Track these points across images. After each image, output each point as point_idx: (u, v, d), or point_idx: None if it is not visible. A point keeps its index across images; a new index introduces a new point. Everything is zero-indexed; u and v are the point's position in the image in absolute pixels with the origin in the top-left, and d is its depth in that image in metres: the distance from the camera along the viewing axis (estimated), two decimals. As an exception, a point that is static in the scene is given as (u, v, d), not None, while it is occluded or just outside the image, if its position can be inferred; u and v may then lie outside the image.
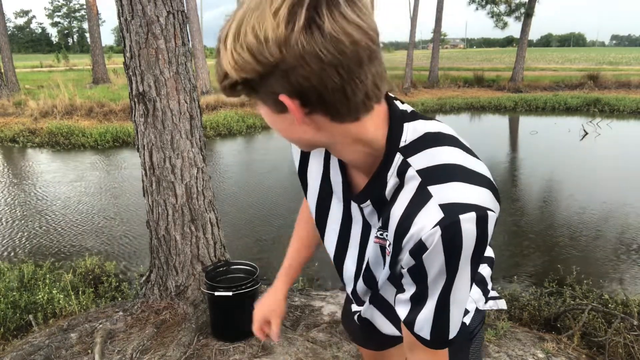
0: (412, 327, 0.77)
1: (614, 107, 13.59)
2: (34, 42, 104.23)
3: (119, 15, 2.47)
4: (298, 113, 0.63)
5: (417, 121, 0.75)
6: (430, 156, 0.70)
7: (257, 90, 0.63)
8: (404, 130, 0.73)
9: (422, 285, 0.72)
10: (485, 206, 0.66)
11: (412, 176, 0.70)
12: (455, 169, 0.69)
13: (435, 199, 0.66)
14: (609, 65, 28.61)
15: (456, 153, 0.71)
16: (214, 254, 2.82)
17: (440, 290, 0.71)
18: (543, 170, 7.52)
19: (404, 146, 0.72)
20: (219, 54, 0.61)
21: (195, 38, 14.45)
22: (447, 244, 0.65)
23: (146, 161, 2.63)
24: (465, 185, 0.67)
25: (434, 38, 20.20)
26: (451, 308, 0.72)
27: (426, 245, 0.66)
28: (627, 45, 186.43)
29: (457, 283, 0.70)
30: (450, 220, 0.64)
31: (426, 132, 0.74)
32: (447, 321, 0.74)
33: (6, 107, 12.50)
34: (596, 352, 2.57)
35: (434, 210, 0.65)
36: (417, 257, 0.68)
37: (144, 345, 2.42)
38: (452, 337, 0.76)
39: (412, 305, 0.76)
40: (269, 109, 0.66)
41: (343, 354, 2.38)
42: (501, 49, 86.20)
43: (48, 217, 5.35)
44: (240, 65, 0.59)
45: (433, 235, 0.65)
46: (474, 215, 0.64)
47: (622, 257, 4.20)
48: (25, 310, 2.94)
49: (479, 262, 0.70)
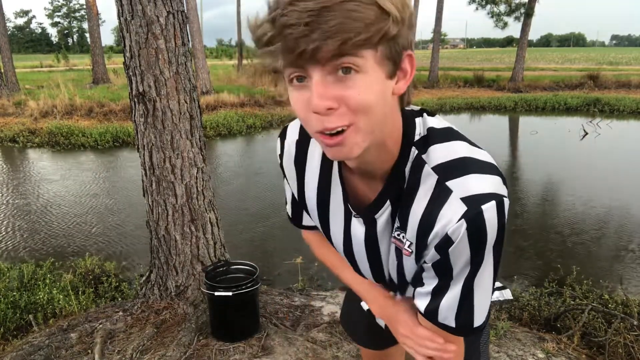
0: (435, 316, 0.78)
1: (614, 107, 13.58)
2: (34, 42, 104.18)
3: (119, 15, 2.47)
4: (412, 75, 0.65)
5: (425, 117, 0.76)
6: (442, 152, 0.72)
7: (396, 40, 0.62)
8: (416, 124, 0.74)
9: (446, 278, 0.73)
10: (501, 193, 0.68)
11: (428, 173, 0.71)
12: (467, 161, 0.71)
13: (456, 194, 0.68)
14: (609, 65, 28.60)
15: (465, 146, 0.73)
16: (214, 254, 2.82)
17: (464, 279, 0.72)
18: (543, 170, 7.51)
19: (417, 140, 0.73)
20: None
21: (195, 38, 14.44)
22: (472, 235, 0.67)
23: (146, 161, 2.63)
24: (480, 177, 0.69)
25: (434, 38, 20.21)
26: (475, 294, 0.73)
27: (452, 239, 0.68)
28: (627, 45, 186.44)
29: (482, 271, 0.71)
30: (475, 212, 0.66)
31: (434, 127, 0.75)
32: (471, 307, 0.74)
33: (6, 107, 12.48)
34: (596, 352, 2.57)
35: (456, 205, 0.67)
36: (443, 252, 0.70)
37: (144, 345, 2.42)
38: (478, 324, 0.77)
39: (433, 296, 0.76)
40: (384, 71, 0.63)
41: (343, 354, 2.38)
42: (501, 49, 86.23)
43: (48, 217, 5.35)
44: (405, 5, 0.60)
45: (459, 228, 0.67)
46: (494, 203, 0.67)
47: (622, 257, 4.20)
48: (25, 310, 2.94)
49: (501, 248, 0.71)
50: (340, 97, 0.62)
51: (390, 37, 0.61)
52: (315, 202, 0.91)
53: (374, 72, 0.62)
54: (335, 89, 0.61)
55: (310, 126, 0.66)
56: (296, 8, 0.56)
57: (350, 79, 0.61)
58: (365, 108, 0.63)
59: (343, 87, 0.61)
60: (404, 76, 0.67)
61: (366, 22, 0.57)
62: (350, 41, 0.57)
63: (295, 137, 0.91)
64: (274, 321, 2.67)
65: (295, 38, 0.57)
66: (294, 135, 0.91)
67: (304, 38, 0.57)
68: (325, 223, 0.92)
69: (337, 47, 0.57)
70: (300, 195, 0.95)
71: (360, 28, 0.57)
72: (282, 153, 0.94)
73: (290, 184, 0.97)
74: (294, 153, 0.91)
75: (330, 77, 0.61)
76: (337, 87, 0.61)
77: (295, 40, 0.57)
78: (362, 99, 0.62)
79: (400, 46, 0.64)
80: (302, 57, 0.59)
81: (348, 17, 0.56)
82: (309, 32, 0.56)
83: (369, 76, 0.61)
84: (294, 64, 0.61)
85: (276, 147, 0.95)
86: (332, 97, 0.61)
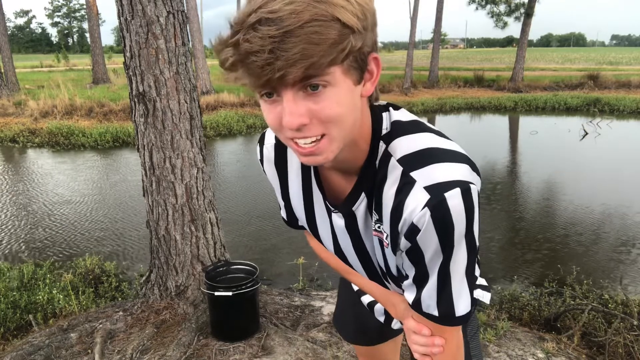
0: (420, 306, 0.79)
1: (614, 107, 13.58)
2: (34, 42, 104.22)
3: (119, 15, 2.47)
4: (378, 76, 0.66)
5: (390, 111, 0.78)
6: (407, 144, 0.73)
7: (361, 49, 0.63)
8: (383, 118, 0.76)
9: (420, 266, 0.74)
10: (467, 180, 0.69)
11: (394, 166, 0.73)
12: (431, 151, 0.72)
13: (420, 183, 0.69)
14: (609, 65, 28.60)
15: (430, 137, 0.75)
16: (214, 254, 2.82)
17: (438, 267, 0.73)
18: (543, 170, 7.51)
19: (384, 135, 0.75)
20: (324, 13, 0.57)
21: (195, 38, 14.45)
22: (437, 223, 0.68)
23: (146, 161, 2.63)
24: (444, 165, 0.70)
25: (434, 38, 20.20)
26: (453, 282, 0.74)
27: (418, 227, 0.69)
28: (627, 45, 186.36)
29: (454, 258, 0.72)
30: (437, 200, 0.67)
31: (399, 119, 0.77)
32: (450, 295, 0.76)
33: (6, 107, 12.49)
34: (596, 352, 2.57)
35: (420, 194, 0.69)
36: (412, 240, 0.71)
37: (144, 345, 2.42)
38: (461, 313, 0.78)
39: (416, 286, 0.78)
40: (352, 79, 0.65)
41: (343, 354, 2.38)
42: (501, 49, 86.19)
43: (48, 217, 5.35)
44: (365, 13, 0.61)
45: (423, 216, 0.68)
46: (458, 190, 0.67)
47: (622, 257, 4.20)
48: (25, 310, 2.94)
49: (474, 235, 0.72)
50: (311, 112, 0.63)
51: (356, 50, 0.62)
52: (301, 203, 0.93)
53: (342, 83, 0.63)
54: (305, 104, 0.62)
55: (281, 133, 0.68)
56: (258, 34, 0.56)
57: (320, 93, 0.62)
58: (336, 119, 0.64)
59: (313, 102, 0.62)
60: (370, 77, 0.68)
61: (329, 43, 0.58)
62: (314, 65, 0.58)
63: (272, 141, 0.93)
64: (274, 321, 2.67)
65: (259, 66, 0.57)
66: (271, 139, 0.93)
67: (268, 66, 0.57)
68: (312, 222, 0.94)
69: (302, 73, 0.58)
70: (284, 198, 0.97)
71: (323, 51, 0.57)
72: (262, 158, 0.96)
73: (274, 187, 0.99)
74: (274, 157, 0.93)
75: (300, 93, 0.62)
76: (308, 102, 0.62)
77: (259, 68, 0.57)
78: (333, 112, 0.63)
79: (366, 53, 0.64)
80: (269, 82, 0.60)
81: (310, 42, 0.56)
82: (273, 60, 0.56)
83: (338, 88, 0.63)
84: (261, 87, 0.62)
85: (256, 153, 0.97)
86: (303, 114, 0.62)
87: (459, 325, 0.80)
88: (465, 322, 0.80)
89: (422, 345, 0.85)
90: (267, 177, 0.98)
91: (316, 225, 0.93)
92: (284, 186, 0.94)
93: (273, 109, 0.65)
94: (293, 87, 0.61)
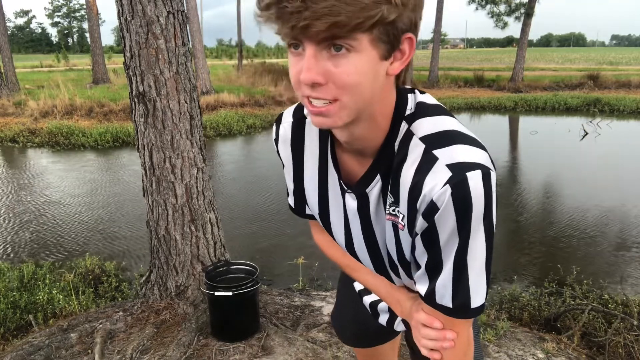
0: (434, 298, 0.76)
1: (614, 107, 13.58)
2: (34, 42, 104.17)
3: (119, 15, 2.47)
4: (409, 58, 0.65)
5: (416, 93, 0.78)
6: (430, 124, 0.73)
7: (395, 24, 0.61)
8: (408, 99, 0.76)
9: (435, 251, 0.73)
10: (488, 166, 0.69)
11: (416, 144, 0.72)
12: (455, 134, 0.72)
13: (442, 160, 0.68)
14: (609, 65, 28.62)
15: (453, 121, 0.75)
16: (214, 254, 2.82)
17: (454, 253, 0.71)
18: (543, 170, 7.51)
19: (408, 115, 0.75)
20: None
21: (195, 38, 14.44)
22: (457, 201, 0.67)
23: (146, 161, 2.63)
24: (467, 147, 0.70)
25: (434, 38, 20.20)
26: (470, 272, 0.72)
27: (437, 205, 0.68)
28: (627, 45, 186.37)
29: (472, 244, 0.70)
30: (459, 178, 0.66)
31: (425, 102, 0.77)
32: (467, 285, 0.73)
33: (6, 107, 12.48)
34: (596, 352, 2.57)
35: (442, 171, 0.68)
36: (430, 219, 0.70)
37: (144, 345, 2.42)
38: (476, 305, 0.75)
39: (429, 276, 0.76)
40: (378, 52, 0.64)
41: (343, 354, 2.38)
42: (501, 49, 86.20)
43: (48, 217, 5.35)
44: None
45: (444, 194, 0.67)
46: (480, 172, 0.67)
47: (622, 257, 4.20)
48: (25, 310, 2.94)
49: (492, 221, 0.70)
50: (329, 74, 0.63)
51: (387, 22, 0.61)
52: (315, 184, 0.91)
53: (367, 53, 0.62)
54: (325, 64, 0.62)
55: (299, 90, 0.68)
56: None
57: (342, 57, 0.62)
58: (352, 87, 0.64)
59: (333, 64, 0.62)
60: (400, 57, 0.67)
61: (360, 6, 0.57)
62: (339, 24, 0.57)
63: (290, 119, 0.92)
64: (274, 321, 2.67)
65: (289, 12, 0.57)
66: (289, 118, 0.92)
67: (296, 14, 0.57)
68: (325, 205, 0.92)
69: (325, 29, 0.58)
70: (297, 180, 0.95)
71: (352, 12, 0.57)
72: (277, 137, 0.95)
73: (286, 169, 0.97)
74: (290, 135, 0.92)
75: (323, 52, 0.62)
76: (328, 63, 0.62)
77: (289, 14, 0.58)
78: (350, 79, 0.63)
79: (399, 30, 0.63)
80: (294, 30, 0.59)
81: (341, 1, 0.56)
82: (303, 9, 0.56)
83: (361, 56, 0.62)
84: (288, 35, 0.62)
85: (272, 133, 0.97)
86: (320, 73, 0.62)
87: (473, 317, 0.78)
88: (478, 315, 0.78)
89: (432, 339, 0.82)
90: (281, 158, 0.96)
91: (328, 209, 0.91)
92: (299, 167, 0.93)
93: (296, 62, 0.65)
94: (318, 43, 0.61)
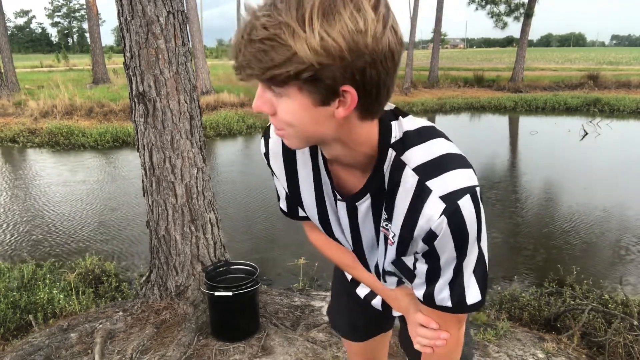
0: (433, 300, 0.85)
1: (614, 107, 13.59)
2: (34, 42, 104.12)
3: (119, 15, 2.47)
4: (353, 105, 0.66)
5: (400, 119, 0.81)
6: (420, 153, 0.78)
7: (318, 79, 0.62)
8: (392, 128, 0.79)
9: (435, 266, 0.81)
10: (473, 184, 0.76)
11: (410, 174, 0.77)
12: (443, 159, 0.77)
13: (435, 193, 0.75)
14: (609, 65, 28.60)
15: (440, 143, 0.79)
16: (214, 254, 2.82)
17: (453, 266, 0.80)
18: (543, 170, 7.52)
19: (394, 142, 0.79)
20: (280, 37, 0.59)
21: (195, 38, 14.44)
22: (454, 229, 0.75)
23: (146, 161, 2.63)
24: (455, 172, 0.76)
25: (434, 38, 20.21)
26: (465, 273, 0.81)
27: (436, 233, 0.76)
28: (627, 45, 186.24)
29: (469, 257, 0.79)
30: (453, 208, 0.74)
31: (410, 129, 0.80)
32: (461, 285, 0.82)
33: (6, 107, 12.48)
34: (596, 352, 2.57)
35: (436, 203, 0.75)
36: (430, 244, 0.78)
37: (144, 345, 2.42)
38: (471, 301, 0.84)
39: (427, 283, 0.85)
40: (310, 100, 0.65)
41: (343, 354, 2.38)
42: (501, 49, 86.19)
43: (48, 217, 5.35)
44: (328, 49, 0.59)
45: (441, 224, 0.75)
46: (469, 197, 0.74)
47: (622, 257, 4.20)
48: (25, 310, 2.94)
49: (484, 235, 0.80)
50: (274, 107, 0.69)
51: (307, 77, 0.61)
52: (312, 190, 0.93)
53: (297, 99, 0.66)
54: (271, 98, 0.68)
55: None
56: (240, 32, 0.63)
57: (279, 97, 0.67)
58: (289, 124, 0.70)
59: (276, 101, 0.68)
60: (344, 104, 0.67)
61: (270, 63, 0.61)
62: (256, 76, 0.64)
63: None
64: (274, 321, 2.67)
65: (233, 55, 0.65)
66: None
67: (235, 58, 0.64)
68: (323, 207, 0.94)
69: (246, 78, 0.64)
70: (293, 189, 0.97)
71: (261, 69, 0.62)
72: (267, 152, 0.97)
73: (279, 181, 0.99)
74: (281, 148, 0.93)
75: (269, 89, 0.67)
76: (273, 98, 0.68)
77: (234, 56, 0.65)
78: (286, 117, 0.69)
79: (328, 83, 0.63)
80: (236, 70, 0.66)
81: (255, 57, 0.61)
82: (237, 55, 0.64)
83: (292, 101, 0.66)
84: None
85: (261, 147, 0.99)
86: (266, 102, 0.69)
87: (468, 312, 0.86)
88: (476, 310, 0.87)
89: (427, 337, 0.92)
90: (273, 170, 0.98)
91: (327, 211, 0.94)
92: (293, 176, 0.95)
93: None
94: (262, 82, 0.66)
